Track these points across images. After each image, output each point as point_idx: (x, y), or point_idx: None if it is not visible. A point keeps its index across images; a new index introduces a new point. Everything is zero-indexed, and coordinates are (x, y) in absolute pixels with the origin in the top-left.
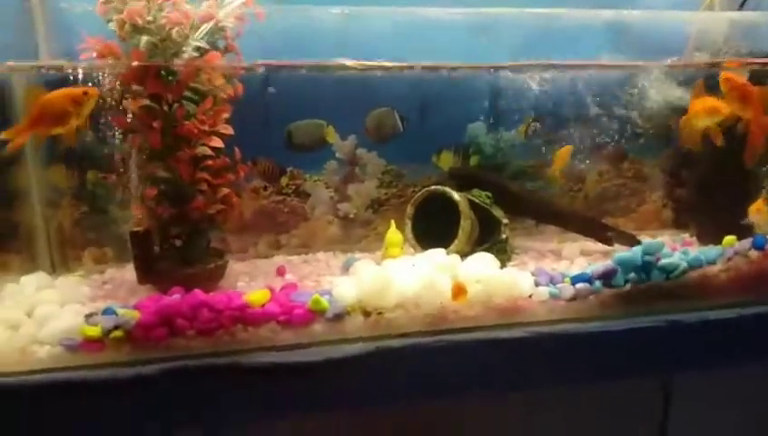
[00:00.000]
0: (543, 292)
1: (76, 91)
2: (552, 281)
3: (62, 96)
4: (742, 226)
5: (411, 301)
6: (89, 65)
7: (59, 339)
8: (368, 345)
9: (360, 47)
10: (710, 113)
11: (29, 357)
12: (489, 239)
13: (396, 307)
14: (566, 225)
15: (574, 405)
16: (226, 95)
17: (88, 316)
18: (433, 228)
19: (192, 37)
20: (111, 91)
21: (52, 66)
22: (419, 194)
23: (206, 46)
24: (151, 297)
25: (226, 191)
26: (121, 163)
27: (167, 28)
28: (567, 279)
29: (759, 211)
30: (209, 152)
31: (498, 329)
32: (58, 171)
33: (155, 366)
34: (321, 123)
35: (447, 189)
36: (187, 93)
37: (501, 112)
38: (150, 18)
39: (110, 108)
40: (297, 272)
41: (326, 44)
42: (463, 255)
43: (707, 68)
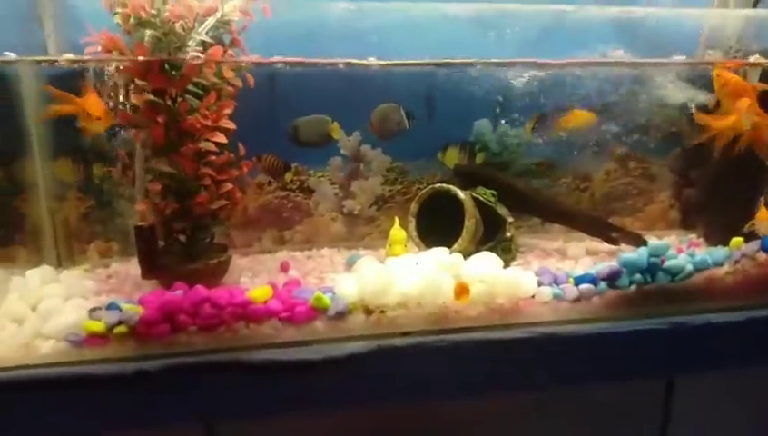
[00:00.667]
0: (546, 293)
1: None
2: (556, 281)
3: None
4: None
5: (413, 299)
6: (94, 59)
7: (63, 334)
8: (369, 343)
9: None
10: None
11: (33, 352)
12: (494, 237)
13: (398, 306)
14: (572, 224)
15: (577, 406)
16: (232, 89)
17: (92, 311)
18: (437, 226)
19: (196, 31)
20: (115, 86)
21: (56, 60)
22: (424, 192)
23: (210, 41)
24: (154, 292)
25: (229, 186)
26: (126, 158)
27: (171, 22)
28: (571, 279)
29: (765, 219)
30: (212, 147)
31: (501, 329)
32: (64, 164)
33: (158, 362)
34: (326, 118)
35: (452, 187)
36: (191, 87)
37: (508, 108)
38: (154, 11)
39: (115, 103)
40: (300, 269)
41: (332, 37)
42: (467, 254)
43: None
